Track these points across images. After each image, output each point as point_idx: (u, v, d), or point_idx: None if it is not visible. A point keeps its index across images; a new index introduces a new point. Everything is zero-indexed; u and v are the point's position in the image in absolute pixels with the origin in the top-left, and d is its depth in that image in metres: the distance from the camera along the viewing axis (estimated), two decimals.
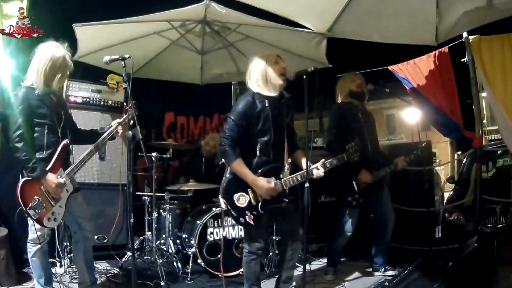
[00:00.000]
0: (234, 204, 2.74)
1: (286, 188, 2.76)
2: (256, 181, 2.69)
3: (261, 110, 2.73)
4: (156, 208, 4.20)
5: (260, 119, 2.72)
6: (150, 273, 3.80)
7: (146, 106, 5.25)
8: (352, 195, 3.57)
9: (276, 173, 2.76)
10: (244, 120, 2.71)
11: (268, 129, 2.73)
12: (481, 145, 4.02)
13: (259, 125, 2.72)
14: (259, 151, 2.74)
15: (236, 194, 2.73)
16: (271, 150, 2.76)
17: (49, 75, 2.78)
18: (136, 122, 2.81)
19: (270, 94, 2.78)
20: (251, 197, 2.73)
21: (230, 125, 2.73)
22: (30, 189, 2.68)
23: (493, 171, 5.16)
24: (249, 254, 2.82)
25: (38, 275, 2.88)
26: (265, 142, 2.74)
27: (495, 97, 3.80)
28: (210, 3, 3.45)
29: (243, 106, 2.73)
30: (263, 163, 2.74)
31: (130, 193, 3.67)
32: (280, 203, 2.78)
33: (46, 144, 2.78)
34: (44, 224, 2.71)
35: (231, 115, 2.75)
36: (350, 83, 3.73)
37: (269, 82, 2.77)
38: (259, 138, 2.74)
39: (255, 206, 2.73)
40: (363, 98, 3.73)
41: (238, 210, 2.74)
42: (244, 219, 2.73)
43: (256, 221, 2.73)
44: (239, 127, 2.71)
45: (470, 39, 3.98)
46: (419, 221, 4.37)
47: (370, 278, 3.77)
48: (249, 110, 2.72)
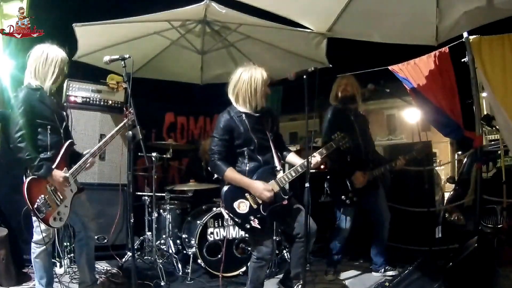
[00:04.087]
0: (236, 212, 2.73)
1: (283, 185, 2.78)
2: (251, 184, 2.73)
3: (239, 124, 2.79)
4: (156, 208, 4.20)
5: (241, 132, 2.78)
6: (150, 273, 3.80)
7: (146, 106, 5.27)
8: (346, 194, 3.59)
9: (271, 174, 2.81)
10: (226, 134, 2.78)
11: (250, 138, 2.80)
12: (481, 145, 4.01)
13: (241, 137, 2.79)
14: (248, 159, 2.80)
15: (236, 202, 2.74)
16: (258, 156, 2.81)
17: (45, 74, 2.79)
18: (136, 122, 2.82)
19: (248, 111, 2.84)
20: (251, 202, 2.74)
21: (215, 141, 2.81)
22: (36, 188, 2.67)
23: (493, 171, 5.16)
24: (258, 260, 2.80)
25: (40, 276, 2.87)
26: (251, 150, 2.80)
27: (495, 97, 3.79)
28: (210, 3, 3.45)
29: (223, 122, 2.80)
30: (255, 168, 2.79)
31: (130, 193, 3.67)
32: (281, 202, 2.79)
33: (49, 144, 2.79)
34: (50, 224, 2.71)
35: (214, 133, 2.84)
36: (337, 88, 3.77)
37: (253, 103, 2.81)
38: (245, 147, 2.80)
39: (257, 209, 2.73)
40: (352, 100, 3.74)
41: (241, 217, 2.74)
42: (249, 225, 2.72)
43: (261, 224, 2.73)
44: (224, 141, 2.78)
45: (470, 39, 3.97)
46: (419, 221, 4.36)
47: (370, 278, 3.77)
48: (228, 124, 2.79)
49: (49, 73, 2.80)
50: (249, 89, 2.79)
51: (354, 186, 3.59)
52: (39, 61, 2.80)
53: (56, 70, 2.82)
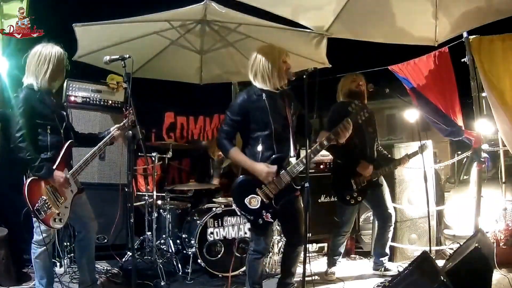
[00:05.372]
0: (248, 208, 2.71)
1: (293, 175, 2.72)
2: (254, 166, 2.68)
3: (258, 104, 2.73)
4: (156, 208, 4.20)
5: (258, 113, 2.72)
6: (150, 273, 3.80)
7: (146, 106, 5.27)
8: (350, 193, 3.58)
9: (280, 163, 2.72)
10: (239, 115, 2.73)
11: (267, 123, 2.72)
12: (481, 145, 4.01)
13: (258, 119, 2.72)
14: (262, 145, 2.73)
15: (247, 198, 2.70)
16: (274, 143, 2.73)
17: (40, 72, 2.77)
18: (136, 122, 2.82)
19: (269, 89, 2.78)
20: (262, 196, 2.70)
21: (226, 120, 2.79)
22: (36, 189, 2.67)
23: (493, 171, 5.16)
24: (255, 252, 2.82)
25: (40, 276, 2.87)
26: (267, 135, 2.72)
27: (495, 97, 3.80)
28: (210, 3, 3.45)
29: (239, 101, 2.76)
30: (268, 156, 2.72)
31: (130, 193, 3.67)
32: (294, 193, 2.77)
33: (49, 145, 2.78)
34: (51, 224, 2.71)
35: (228, 111, 2.80)
36: (350, 83, 3.73)
37: (273, 77, 2.75)
38: (260, 132, 2.73)
39: (269, 204, 2.71)
40: (362, 97, 3.73)
41: (253, 213, 2.71)
42: (262, 220, 2.71)
43: (273, 217, 2.73)
44: (234, 122, 2.74)
45: (470, 39, 3.97)
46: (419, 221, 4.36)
47: (370, 278, 3.77)
48: (244, 105, 2.74)
49: (43, 70, 2.77)
50: (266, 65, 2.74)
51: (358, 186, 3.56)
52: (33, 60, 2.79)
53: (50, 66, 2.78)
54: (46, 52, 2.79)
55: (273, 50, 2.81)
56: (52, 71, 2.80)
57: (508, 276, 3.35)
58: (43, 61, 2.78)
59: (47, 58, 2.78)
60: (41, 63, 2.77)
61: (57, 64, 2.83)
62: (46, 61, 2.78)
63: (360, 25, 3.97)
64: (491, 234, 3.81)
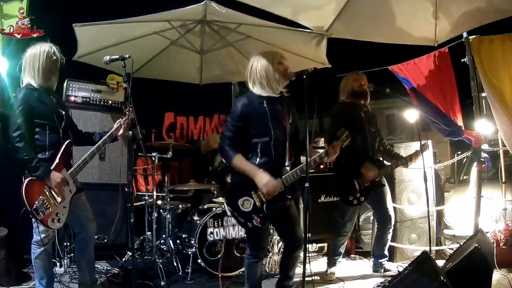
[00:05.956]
0: (240, 209, 2.70)
1: (287, 184, 2.72)
2: (258, 174, 2.65)
3: (259, 110, 2.71)
4: (156, 208, 4.20)
5: (258, 119, 2.70)
6: (150, 273, 3.80)
7: (146, 106, 5.27)
8: (353, 193, 3.57)
9: (277, 172, 2.73)
10: (241, 121, 2.71)
11: (267, 129, 2.71)
12: (481, 145, 4.02)
13: (258, 125, 2.71)
14: (260, 152, 2.72)
15: (241, 200, 2.70)
16: (272, 150, 2.72)
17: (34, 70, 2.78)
18: (136, 122, 2.81)
19: (269, 94, 2.76)
20: (256, 200, 2.69)
21: (228, 126, 2.75)
22: (34, 189, 2.67)
23: (493, 171, 5.16)
24: (251, 256, 2.81)
25: (40, 276, 2.87)
26: (266, 142, 2.71)
27: (495, 97, 3.80)
28: (210, 3, 3.45)
29: (240, 107, 2.73)
30: (264, 163, 2.71)
31: (130, 193, 3.67)
32: (284, 201, 2.76)
33: (48, 144, 2.78)
34: (49, 225, 2.71)
35: (229, 117, 2.77)
36: (353, 82, 3.72)
37: (271, 83, 2.74)
38: (259, 139, 2.72)
39: (260, 208, 2.70)
40: (365, 97, 3.73)
41: (244, 215, 2.70)
42: (251, 223, 2.70)
43: (262, 223, 2.72)
44: (236, 128, 2.71)
45: (470, 39, 3.97)
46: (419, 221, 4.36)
47: (370, 278, 3.77)
48: (245, 111, 2.71)
49: (35, 68, 2.78)
50: (262, 72, 2.72)
51: (361, 186, 3.56)
52: (26, 60, 2.81)
53: (41, 63, 2.78)
54: (35, 51, 2.81)
55: (267, 56, 2.78)
56: (43, 68, 2.80)
57: (508, 276, 3.35)
58: (34, 59, 2.79)
59: (36, 56, 2.79)
60: (33, 62, 2.79)
61: (47, 60, 2.81)
62: (36, 59, 2.79)
63: (360, 25, 3.97)
64: (491, 234, 3.81)
